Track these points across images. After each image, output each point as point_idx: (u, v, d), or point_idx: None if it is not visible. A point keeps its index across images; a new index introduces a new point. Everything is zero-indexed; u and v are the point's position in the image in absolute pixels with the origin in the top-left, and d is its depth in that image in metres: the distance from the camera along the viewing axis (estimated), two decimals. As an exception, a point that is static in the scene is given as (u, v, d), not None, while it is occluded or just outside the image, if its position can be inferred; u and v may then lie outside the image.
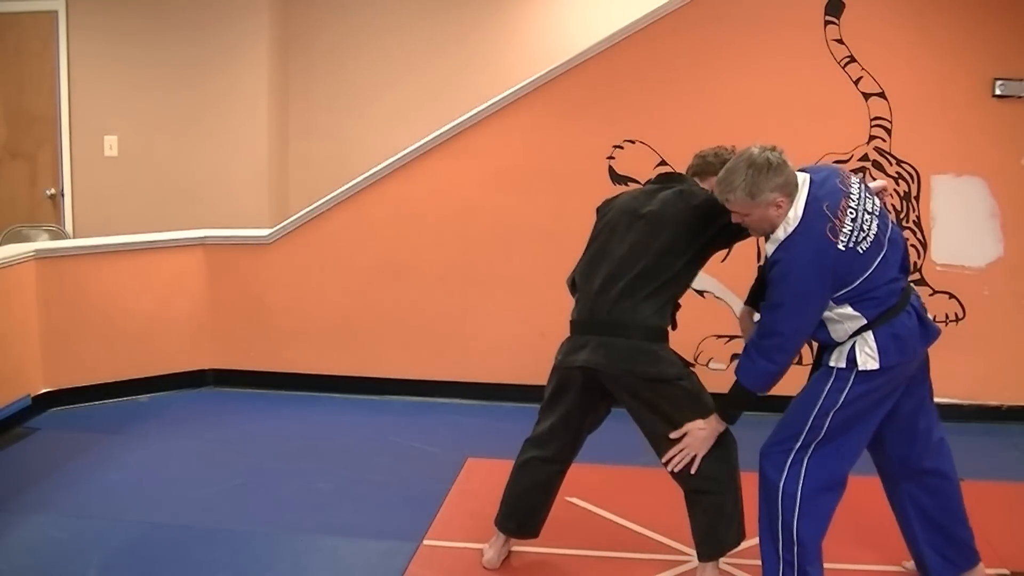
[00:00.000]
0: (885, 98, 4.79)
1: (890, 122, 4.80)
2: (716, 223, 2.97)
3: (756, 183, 2.68)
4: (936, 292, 4.83)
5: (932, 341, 2.84)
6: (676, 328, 3.07)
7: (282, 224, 5.29)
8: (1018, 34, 4.69)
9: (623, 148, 4.95)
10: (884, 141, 4.81)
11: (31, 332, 4.81)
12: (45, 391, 4.88)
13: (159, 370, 5.19)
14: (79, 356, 4.99)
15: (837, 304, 2.71)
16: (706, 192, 3.03)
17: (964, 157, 4.80)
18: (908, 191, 4.83)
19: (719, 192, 2.78)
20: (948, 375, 3.78)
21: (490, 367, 5.15)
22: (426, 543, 3.42)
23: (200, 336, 5.29)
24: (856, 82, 4.79)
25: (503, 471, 3.28)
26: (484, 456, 4.23)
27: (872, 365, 2.70)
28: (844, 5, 4.75)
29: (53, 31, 6.43)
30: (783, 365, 2.76)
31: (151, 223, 5.87)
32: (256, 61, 6.29)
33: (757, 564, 2.91)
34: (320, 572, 3.25)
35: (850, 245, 2.67)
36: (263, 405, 5.11)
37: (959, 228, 4.83)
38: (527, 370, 4.69)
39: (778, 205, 2.70)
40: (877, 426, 2.85)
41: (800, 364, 2.84)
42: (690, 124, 4.83)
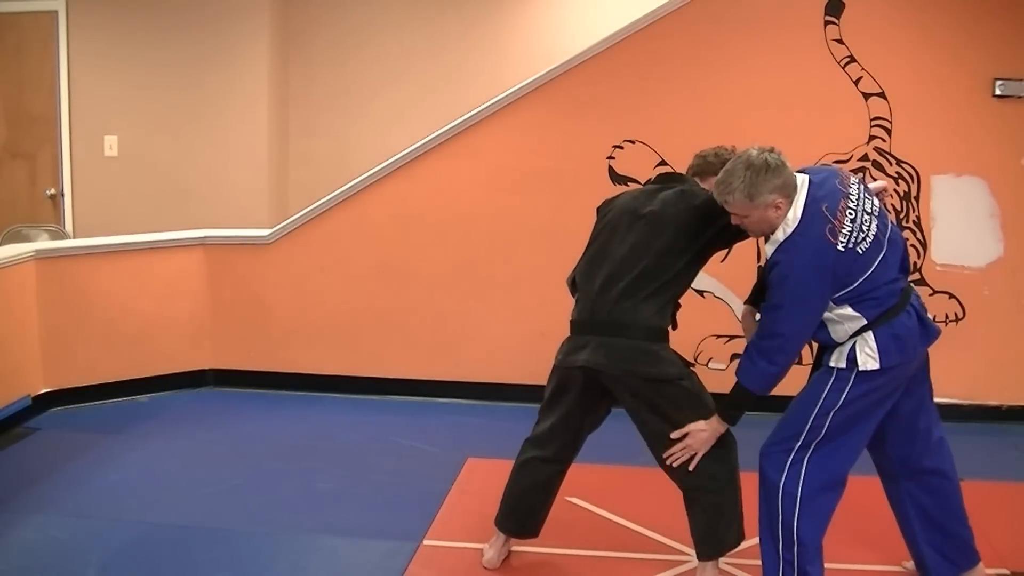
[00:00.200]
0: (885, 98, 4.79)
1: (890, 122, 4.80)
2: (717, 223, 2.96)
3: (755, 185, 2.68)
4: (936, 292, 4.83)
5: (932, 341, 2.84)
6: (676, 328, 3.08)
7: (282, 224, 5.29)
8: (1018, 34, 4.69)
9: (623, 148, 4.95)
10: (884, 141, 4.81)
11: (31, 332, 4.81)
12: (45, 391, 4.88)
13: (159, 370, 5.19)
14: (79, 356, 4.99)
15: (837, 305, 2.72)
16: (707, 192, 3.03)
17: (964, 157, 4.80)
18: (908, 191, 4.83)
19: (718, 194, 2.78)
20: (948, 375, 3.78)
21: (490, 367, 5.15)
22: (426, 543, 3.43)
23: (200, 336, 5.29)
24: (856, 82, 4.79)
25: (503, 471, 3.28)
26: (484, 456, 4.23)
27: (872, 365, 2.71)
28: (844, 5, 4.75)
29: (53, 31, 6.43)
30: (784, 366, 2.76)
31: (151, 223, 5.87)
32: (256, 61, 6.29)
33: (757, 564, 2.91)
34: (320, 572, 3.25)
35: (849, 246, 2.67)
36: (263, 405, 5.11)
37: (959, 228, 4.83)
38: (527, 370, 4.69)
39: (777, 206, 2.70)
40: (877, 426, 2.85)
41: (800, 364, 2.84)
42: (690, 124, 4.83)
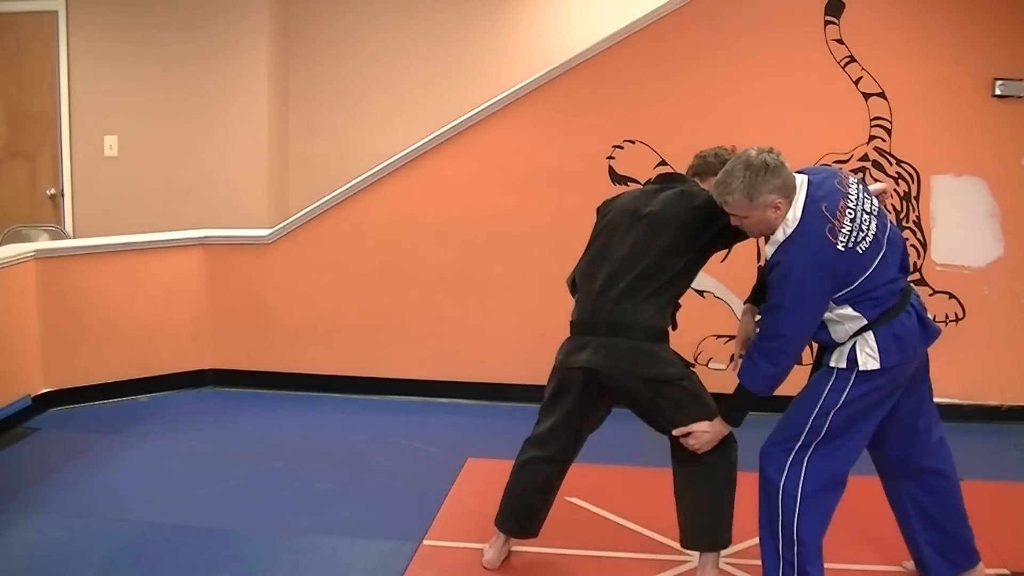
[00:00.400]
0: (885, 98, 4.79)
1: (890, 122, 4.79)
2: (717, 224, 2.96)
3: (754, 185, 2.68)
4: (936, 292, 4.83)
5: (932, 341, 2.84)
6: (676, 328, 3.08)
7: (282, 224, 5.29)
8: (1018, 34, 4.69)
9: (623, 148, 4.95)
10: (884, 141, 4.81)
11: (31, 332, 4.80)
12: (45, 391, 4.88)
13: (159, 370, 5.19)
14: (79, 356, 4.99)
15: (837, 305, 2.72)
16: (707, 192, 3.03)
17: (964, 157, 4.79)
18: (908, 191, 4.82)
19: (717, 194, 2.78)
20: (948, 375, 3.78)
21: (490, 367, 5.15)
22: (426, 543, 3.43)
23: (200, 336, 5.29)
24: (856, 82, 4.78)
25: (503, 471, 3.28)
26: (484, 456, 4.23)
27: (873, 365, 2.71)
28: (844, 5, 4.75)
29: (53, 31, 6.43)
30: (785, 367, 2.76)
31: (151, 223, 5.86)
32: (256, 60, 6.29)
33: (757, 564, 2.91)
34: (320, 572, 3.25)
35: (849, 245, 2.67)
36: (263, 405, 5.11)
37: (959, 228, 4.83)
38: (527, 370, 4.69)
39: (776, 207, 2.70)
40: (877, 426, 2.85)
41: (800, 364, 2.85)
42: (690, 124, 4.83)
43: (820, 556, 2.82)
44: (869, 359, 2.71)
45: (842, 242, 2.66)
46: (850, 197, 2.72)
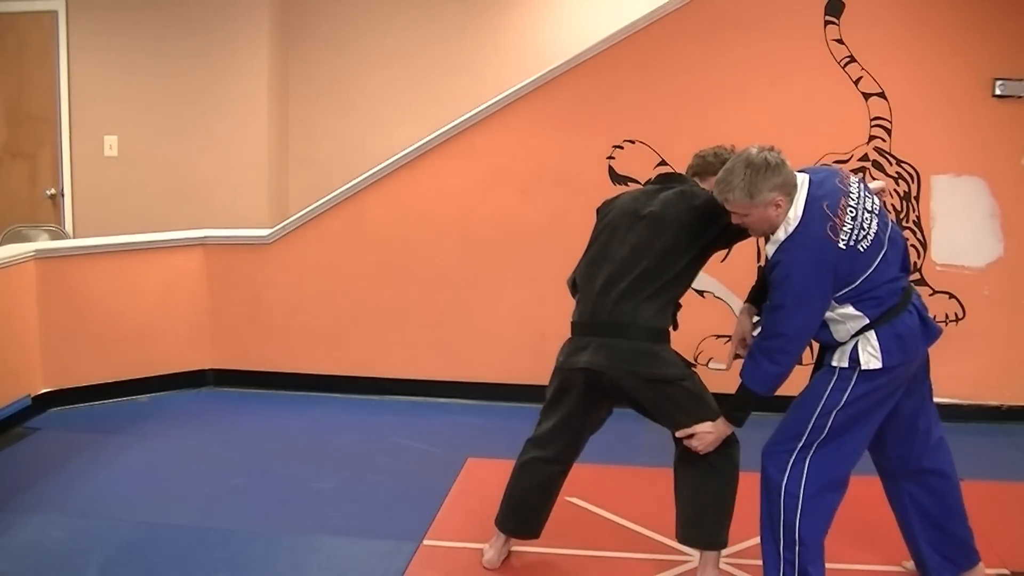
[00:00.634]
0: (885, 98, 4.79)
1: (890, 122, 4.79)
2: (717, 224, 2.96)
3: (754, 183, 2.68)
4: (936, 292, 4.83)
5: (933, 340, 2.84)
6: (677, 328, 3.08)
7: (282, 224, 5.29)
8: (1018, 34, 4.69)
9: (623, 148, 4.95)
10: (884, 141, 4.80)
11: (31, 332, 4.80)
12: (45, 391, 4.88)
13: (159, 370, 5.19)
14: (79, 356, 4.98)
15: (839, 304, 2.72)
16: (707, 192, 3.03)
17: (964, 157, 4.79)
18: (908, 191, 4.82)
19: (718, 192, 2.79)
20: (948, 375, 3.78)
21: (490, 367, 5.15)
22: (426, 543, 3.42)
23: (200, 336, 5.29)
24: (856, 82, 4.78)
25: (503, 471, 3.28)
26: (484, 456, 4.23)
27: (875, 364, 2.70)
28: (844, 5, 4.75)
29: (53, 31, 6.43)
30: (787, 366, 2.76)
31: (151, 223, 5.86)
32: (256, 61, 6.29)
33: (757, 564, 2.91)
34: (320, 572, 3.25)
35: (851, 244, 2.67)
36: (263, 405, 5.11)
37: (959, 228, 4.83)
38: (527, 370, 4.69)
39: (777, 205, 2.70)
40: (878, 426, 2.85)
41: (801, 364, 2.85)
42: (690, 124, 4.83)
43: (821, 556, 2.81)
44: (871, 358, 2.71)
45: (843, 241, 2.66)
46: (851, 196, 2.72)
